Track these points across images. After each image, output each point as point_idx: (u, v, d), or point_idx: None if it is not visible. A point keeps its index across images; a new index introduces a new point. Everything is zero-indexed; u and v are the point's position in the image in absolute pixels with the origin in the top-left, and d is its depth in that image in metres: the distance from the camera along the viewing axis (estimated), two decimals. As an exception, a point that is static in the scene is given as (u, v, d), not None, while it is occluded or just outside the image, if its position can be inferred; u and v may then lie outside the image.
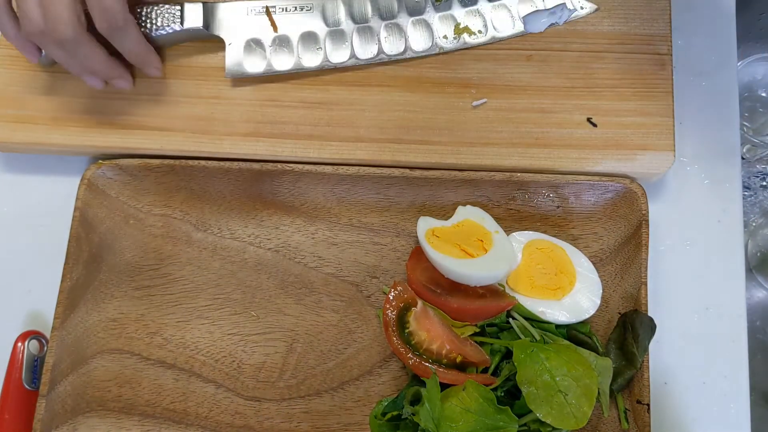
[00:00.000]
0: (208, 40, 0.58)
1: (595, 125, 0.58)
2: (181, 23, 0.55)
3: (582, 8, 0.57)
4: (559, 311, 0.54)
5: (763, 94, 0.85)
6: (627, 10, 0.60)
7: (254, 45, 0.56)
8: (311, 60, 0.56)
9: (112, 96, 0.60)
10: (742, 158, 0.82)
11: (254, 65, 0.56)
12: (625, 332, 0.54)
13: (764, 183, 0.86)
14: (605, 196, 0.58)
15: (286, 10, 0.56)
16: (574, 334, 0.54)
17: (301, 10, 0.56)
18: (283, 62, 0.56)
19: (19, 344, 0.57)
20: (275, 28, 0.56)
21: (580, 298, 0.55)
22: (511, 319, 0.54)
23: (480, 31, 0.56)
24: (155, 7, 0.56)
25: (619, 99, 0.58)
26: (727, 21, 0.64)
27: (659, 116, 0.58)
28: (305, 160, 0.58)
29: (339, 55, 0.56)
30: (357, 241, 0.60)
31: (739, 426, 0.56)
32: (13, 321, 0.60)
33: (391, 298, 0.54)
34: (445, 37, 0.56)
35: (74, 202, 0.58)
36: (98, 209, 0.59)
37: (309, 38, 0.56)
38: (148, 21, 0.55)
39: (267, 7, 0.56)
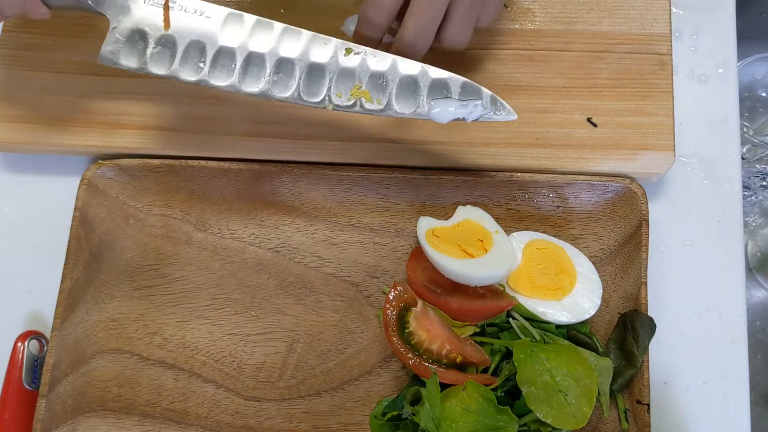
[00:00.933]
0: (94, 15, 0.52)
1: (595, 125, 0.58)
2: None
3: (498, 113, 0.49)
4: (559, 311, 0.54)
5: (763, 94, 0.85)
6: (627, 10, 0.60)
7: (138, 37, 0.49)
8: (190, 74, 0.50)
9: (112, 96, 0.60)
10: (742, 158, 0.82)
11: (129, 59, 0.49)
12: (625, 332, 0.54)
13: (764, 183, 0.86)
14: (605, 196, 0.58)
15: (186, 10, 0.50)
16: (574, 334, 0.54)
17: (201, 14, 0.50)
18: (159, 66, 0.50)
19: (19, 344, 0.57)
20: (167, 26, 0.50)
21: (580, 299, 0.54)
22: (511, 319, 0.54)
23: (379, 101, 0.49)
24: None
25: (619, 99, 0.58)
26: (727, 21, 0.64)
27: (659, 116, 0.58)
28: (305, 160, 0.58)
29: (219, 79, 0.49)
30: (357, 241, 0.60)
31: (739, 426, 0.56)
32: (13, 321, 0.60)
33: (391, 298, 0.54)
34: (339, 95, 0.49)
35: (74, 202, 0.58)
36: (98, 209, 0.59)
37: (195, 50, 0.49)
38: None
39: (167, 0, 0.50)
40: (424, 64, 0.49)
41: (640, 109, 0.58)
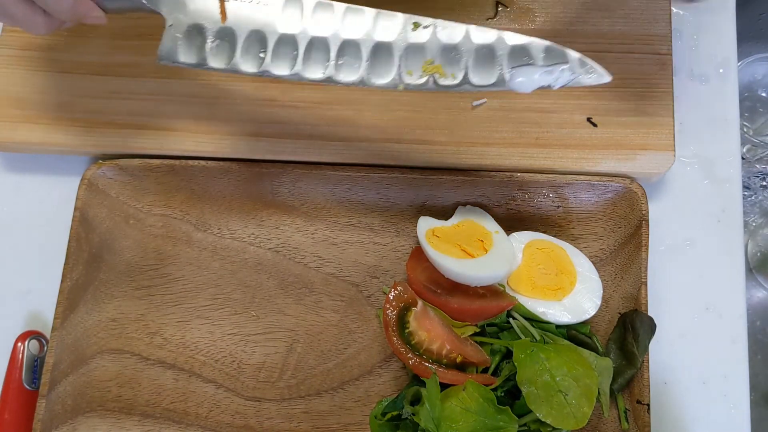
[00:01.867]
0: (149, 14, 0.51)
1: (595, 125, 0.58)
2: None
3: (588, 76, 0.46)
4: (559, 311, 0.54)
5: (763, 94, 0.85)
6: (627, 10, 0.60)
7: (195, 32, 0.48)
8: (251, 65, 0.48)
9: (112, 96, 0.60)
10: (742, 158, 0.82)
11: (188, 55, 0.49)
12: (625, 332, 0.54)
13: (764, 183, 0.86)
14: (605, 196, 0.58)
15: (242, 0, 0.49)
16: (574, 334, 0.54)
17: (258, 2, 0.49)
18: (219, 60, 0.49)
19: (19, 344, 0.57)
20: (224, 18, 0.48)
21: (580, 299, 0.54)
22: (511, 319, 0.54)
23: (453, 75, 0.46)
24: None
25: (619, 99, 0.58)
26: (727, 21, 0.64)
27: (659, 116, 0.58)
28: (305, 160, 0.58)
29: (281, 68, 0.48)
30: (357, 241, 0.60)
31: (739, 426, 0.56)
32: (13, 321, 0.60)
33: (391, 298, 0.54)
34: (410, 73, 0.47)
35: (74, 202, 0.58)
36: (98, 209, 0.59)
37: (255, 40, 0.48)
38: None
39: None
40: (500, 31, 0.46)
41: (640, 109, 0.58)
